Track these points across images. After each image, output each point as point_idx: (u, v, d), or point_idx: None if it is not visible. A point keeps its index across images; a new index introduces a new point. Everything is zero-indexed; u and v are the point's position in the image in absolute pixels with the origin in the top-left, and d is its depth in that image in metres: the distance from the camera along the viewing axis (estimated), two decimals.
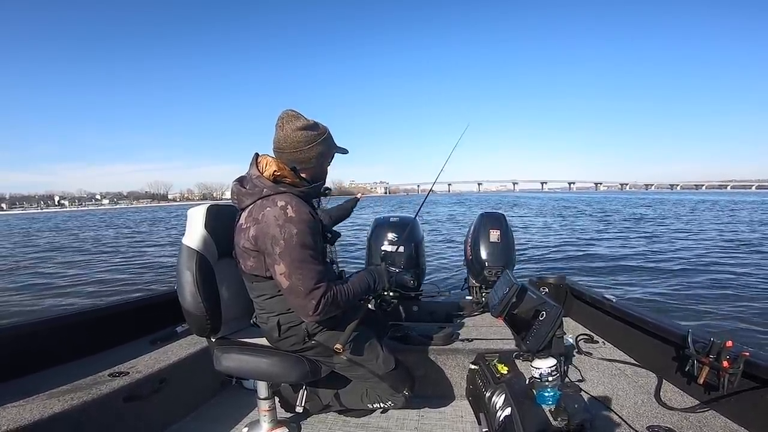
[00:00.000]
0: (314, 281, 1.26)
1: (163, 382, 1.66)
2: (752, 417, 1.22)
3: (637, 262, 8.43)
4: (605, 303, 2.05)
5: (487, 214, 2.69)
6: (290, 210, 1.27)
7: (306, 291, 1.25)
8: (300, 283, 1.25)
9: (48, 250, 15.07)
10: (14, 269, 10.37)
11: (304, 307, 1.26)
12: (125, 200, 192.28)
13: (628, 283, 6.71)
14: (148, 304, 2.13)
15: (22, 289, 7.83)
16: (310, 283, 1.25)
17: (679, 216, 21.50)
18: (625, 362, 1.76)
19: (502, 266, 2.42)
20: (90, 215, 63.24)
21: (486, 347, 1.93)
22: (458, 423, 1.75)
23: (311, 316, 1.27)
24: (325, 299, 1.26)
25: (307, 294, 1.25)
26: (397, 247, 2.38)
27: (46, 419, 1.23)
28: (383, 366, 1.51)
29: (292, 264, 1.25)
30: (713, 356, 1.31)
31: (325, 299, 1.26)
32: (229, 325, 1.56)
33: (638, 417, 1.32)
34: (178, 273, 1.43)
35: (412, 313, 2.49)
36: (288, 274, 1.25)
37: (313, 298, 1.25)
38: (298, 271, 1.25)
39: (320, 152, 1.40)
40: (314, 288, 1.25)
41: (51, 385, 1.44)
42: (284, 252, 1.24)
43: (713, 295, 5.76)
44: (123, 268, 9.98)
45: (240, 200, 1.38)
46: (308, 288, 1.25)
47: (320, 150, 1.39)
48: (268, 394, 1.61)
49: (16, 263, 11.50)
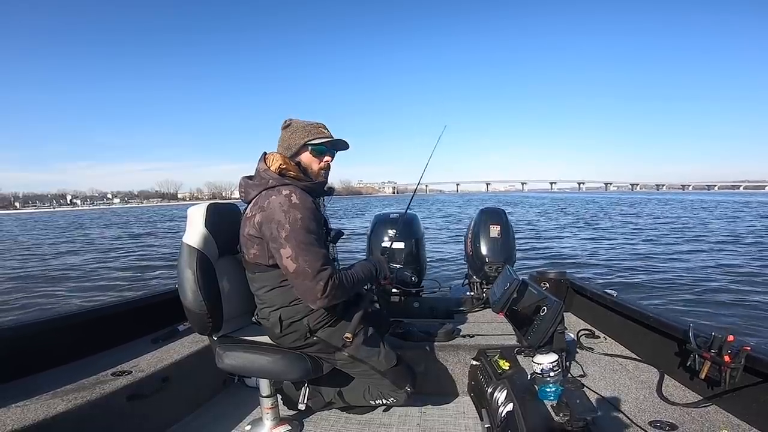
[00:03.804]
0: (321, 263, 1.27)
1: (165, 380, 1.66)
2: (754, 411, 1.22)
3: (638, 258, 8.44)
4: (606, 298, 2.05)
5: (487, 209, 2.68)
6: (294, 197, 1.31)
7: (314, 272, 1.25)
8: (307, 265, 1.25)
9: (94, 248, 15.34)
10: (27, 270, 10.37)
11: (312, 290, 1.26)
12: (136, 199, 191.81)
13: (629, 278, 6.72)
14: (150, 303, 2.13)
15: (36, 288, 7.86)
16: (317, 265, 1.26)
17: (686, 213, 21.79)
18: (626, 357, 1.76)
19: (502, 262, 2.42)
20: (133, 211, 63.59)
21: (487, 343, 1.94)
22: (460, 419, 1.75)
23: (319, 299, 1.27)
24: (333, 281, 1.27)
25: (315, 275, 1.25)
26: (395, 242, 2.37)
27: (50, 419, 1.23)
28: (385, 362, 1.51)
29: (298, 246, 1.26)
30: (715, 351, 1.31)
31: (333, 281, 1.27)
32: (230, 324, 1.56)
33: (640, 412, 1.32)
34: (179, 272, 1.43)
35: (413, 309, 2.49)
36: (294, 256, 1.26)
37: (320, 279, 1.25)
38: (305, 253, 1.26)
39: (291, 140, 1.47)
40: (321, 269, 1.26)
41: (54, 385, 1.44)
42: (290, 236, 1.26)
43: (715, 290, 5.77)
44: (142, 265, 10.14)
45: (247, 192, 1.43)
46: (316, 269, 1.25)
47: (291, 138, 1.47)
48: (271, 392, 1.61)
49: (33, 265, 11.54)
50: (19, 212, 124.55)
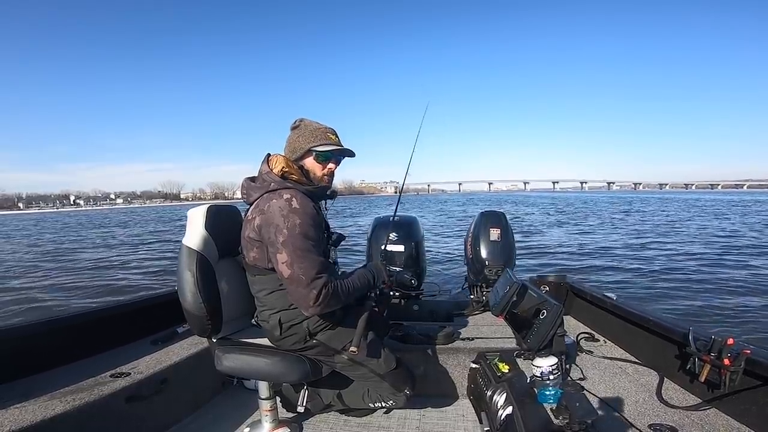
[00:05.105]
0: (315, 271, 1.26)
1: (164, 382, 1.66)
2: (754, 414, 1.22)
3: (638, 261, 8.43)
4: (606, 301, 2.05)
5: (487, 212, 2.69)
6: (295, 202, 1.30)
7: (308, 280, 1.24)
8: (302, 272, 1.24)
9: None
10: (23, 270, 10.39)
11: (305, 297, 1.25)
12: (139, 200, 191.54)
13: (629, 282, 6.71)
14: (149, 304, 2.13)
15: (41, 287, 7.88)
16: (311, 273, 1.25)
17: (688, 213, 21.91)
18: (626, 360, 1.76)
19: (502, 265, 2.42)
20: (139, 211, 64.29)
21: (487, 346, 1.93)
22: (459, 422, 1.75)
23: (312, 307, 1.26)
24: (326, 290, 1.26)
25: (309, 283, 1.24)
26: (395, 245, 2.37)
27: (48, 420, 1.23)
28: (384, 365, 1.51)
29: (294, 253, 1.25)
30: (714, 354, 1.31)
31: (326, 290, 1.26)
32: (230, 326, 1.56)
33: (640, 415, 1.32)
34: (179, 273, 1.43)
35: (413, 312, 2.49)
36: (290, 262, 1.25)
37: (314, 288, 1.24)
38: (300, 260, 1.25)
39: (297, 143, 1.46)
40: (316, 277, 1.25)
41: (53, 386, 1.44)
42: (287, 241, 1.26)
43: (714, 293, 5.76)
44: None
45: (248, 194, 1.43)
46: (310, 277, 1.25)
47: (297, 141, 1.46)
48: (270, 394, 1.61)
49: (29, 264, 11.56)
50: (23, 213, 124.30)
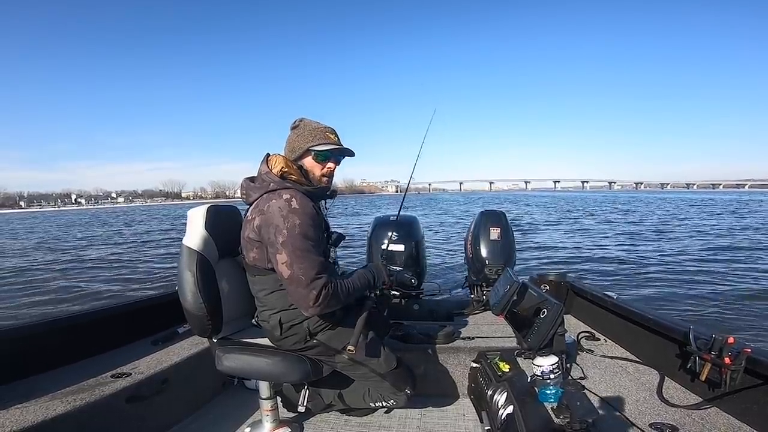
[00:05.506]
0: (315, 271, 1.26)
1: (165, 382, 1.66)
2: (755, 413, 1.22)
3: (639, 260, 8.43)
4: (606, 300, 2.05)
5: (487, 212, 2.69)
6: (294, 202, 1.30)
7: (308, 280, 1.24)
8: (301, 272, 1.24)
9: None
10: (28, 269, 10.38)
11: (304, 298, 1.25)
12: (140, 198, 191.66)
13: (629, 280, 6.71)
14: (150, 304, 2.13)
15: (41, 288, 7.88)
16: (311, 273, 1.25)
17: (686, 213, 21.94)
18: (627, 359, 1.76)
19: (502, 264, 2.42)
20: (141, 209, 64.50)
21: (487, 345, 1.93)
22: (460, 421, 1.75)
23: (311, 307, 1.26)
24: (326, 290, 1.26)
25: (309, 284, 1.24)
26: (396, 245, 2.37)
27: (49, 420, 1.23)
28: (385, 365, 1.51)
29: (293, 253, 1.25)
30: (715, 353, 1.31)
31: (326, 290, 1.26)
32: (230, 326, 1.56)
33: (641, 414, 1.31)
34: (179, 273, 1.43)
35: (413, 311, 2.49)
36: (289, 263, 1.25)
37: (314, 288, 1.24)
38: (300, 260, 1.25)
39: (296, 143, 1.46)
40: (315, 278, 1.25)
41: (53, 387, 1.44)
42: (286, 241, 1.26)
43: (715, 292, 5.75)
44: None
45: (248, 194, 1.43)
46: (309, 278, 1.25)
47: (296, 141, 1.46)
48: (270, 394, 1.61)
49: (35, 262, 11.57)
50: (25, 211, 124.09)
